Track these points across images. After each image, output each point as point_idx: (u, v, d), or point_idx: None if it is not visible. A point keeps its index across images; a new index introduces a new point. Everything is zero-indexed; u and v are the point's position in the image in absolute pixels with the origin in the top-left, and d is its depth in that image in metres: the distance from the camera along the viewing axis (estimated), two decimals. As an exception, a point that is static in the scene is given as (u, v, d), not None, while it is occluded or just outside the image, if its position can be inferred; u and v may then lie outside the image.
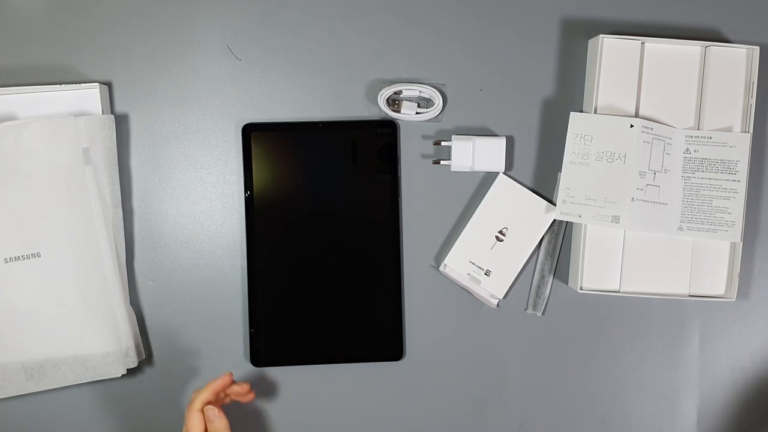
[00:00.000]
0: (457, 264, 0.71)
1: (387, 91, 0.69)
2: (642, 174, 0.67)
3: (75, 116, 0.66)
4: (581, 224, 0.69)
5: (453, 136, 0.70)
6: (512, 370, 0.73)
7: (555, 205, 0.70)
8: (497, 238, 0.71)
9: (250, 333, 0.70)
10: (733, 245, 0.70)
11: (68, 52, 0.70)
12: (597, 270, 0.69)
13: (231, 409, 0.65)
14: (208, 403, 0.62)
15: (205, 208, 0.72)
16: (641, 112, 0.69)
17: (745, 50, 0.69)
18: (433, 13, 0.71)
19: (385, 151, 0.70)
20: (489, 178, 0.71)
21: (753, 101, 0.68)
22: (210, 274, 0.72)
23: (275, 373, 0.72)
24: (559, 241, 0.72)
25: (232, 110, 0.71)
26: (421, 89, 0.70)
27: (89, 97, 0.68)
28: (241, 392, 0.65)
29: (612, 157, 0.67)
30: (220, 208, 0.72)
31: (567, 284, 0.72)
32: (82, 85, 0.68)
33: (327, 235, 0.70)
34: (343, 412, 0.73)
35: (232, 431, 0.62)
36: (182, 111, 0.71)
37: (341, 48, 0.71)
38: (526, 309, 0.73)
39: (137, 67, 0.71)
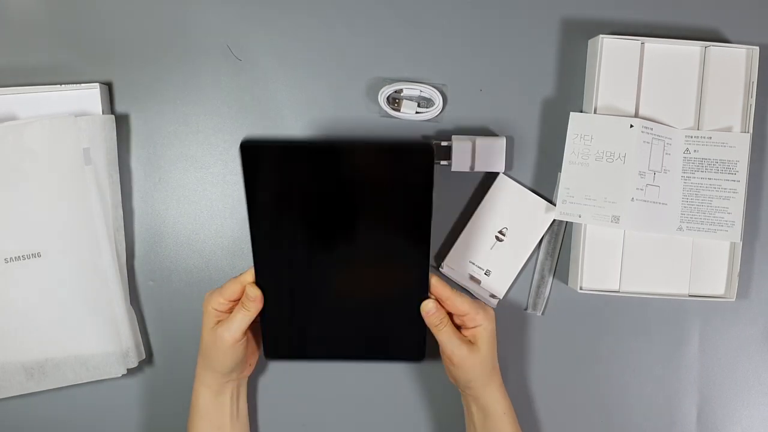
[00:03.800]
0: (457, 264, 0.71)
1: (387, 90, 0.69)
2: (642, 174, 0.67)
3: (75, 116, 0.66)
4: (581, 224, 0.69)
5: (453, 137, 0.70)
6: (511, 369, 0.73)
7: (555, 205, 0.70)
8: (497, 238, 0.71)
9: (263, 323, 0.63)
10: (732, 245, 0.70)
11: (68, 52, 0.70)
12: (597, 270, 0.69)
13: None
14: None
15: (206, 208, 0.72)
16: (641, 112, 0.69)
17: (744, 50, 0.69)
18: (434, 12, 0.71)
19: (416, 185, 0.56)
20: (489, 178, 0.71)
21: (753, 101, 0.68)
22: (210, 274, 0.72)
23: (275, 371, 0.72)
24: (559, 241, 0.72)
25: (232, 110, 0.71)
26: (422, 89, 0.70)
27: (89, 97, 0.68)
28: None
29: (612, 157, 0.67)
30: (221, 209, 0.72)
31: (567, 284, 0.72)
32: (83, 85, 0.68)
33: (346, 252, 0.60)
34: (341, 412, 0.73)
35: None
36: (182, 111, 0.71)
37: (341, 47, 0.71)
38: (526, 309, 0.73)
39: (137, 67, 0.71)
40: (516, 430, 0.65)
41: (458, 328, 0.62)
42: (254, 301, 0.60)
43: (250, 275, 0.61)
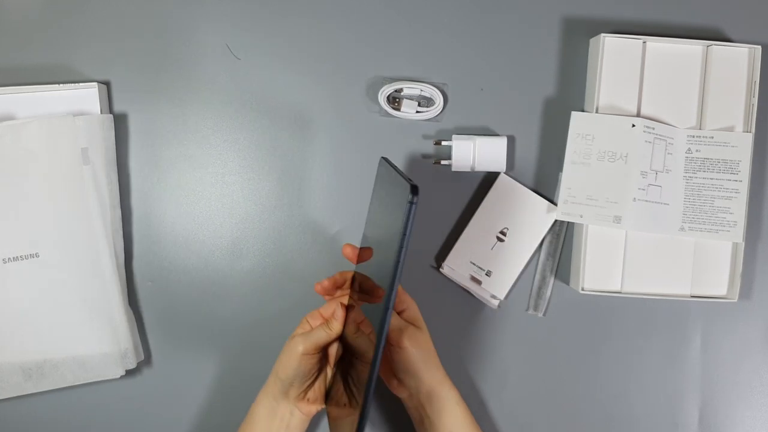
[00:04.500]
0: (457, 264, 0.71)
1: (388, 89, 0.69)
2: (644, 174, 0.67)
3: (74, 116, 0.66)
4: (583, 224, 0.69)
5: (454, 136, 0.70)
6: (513, 370, 0.73)
7: (556, 205, 0.70)
8: (498, 238, 0.71)
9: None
10: (735, 245, 0.69)
11: (67, 52, 0.70)
12: (598, 271, 0.69)
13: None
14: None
15: (204, 208, 0.71)
16: (643, 112, 0.68)
17: (747, 50, 0.68)
18: (435, 11, 0.71)
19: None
20: (490, 178, 0.71)
21: (755, 101, 0.68)
22: (209, 274, 0.71)
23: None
24: (561, 242, 0.71)
25: (231, 110, 0.71)
26: (422, 88, 0.69)
27: (88, 96, 0.68)
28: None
29: (613, 156, 0.67)
30: (219, 209, 0.71)
31: (568, 285, 0.72)
32: (81, 84, 0.68)
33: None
34: None
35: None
36: (181, 111, 0.71)
37: (341, 46, 0.71)
38: (527, 310, 0.72)
39: (136, 66, 0.70)
40: (470, 418, 0.63)
41: None
42: (337, 320, 0.59)
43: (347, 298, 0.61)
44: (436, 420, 0.62)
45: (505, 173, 0.71)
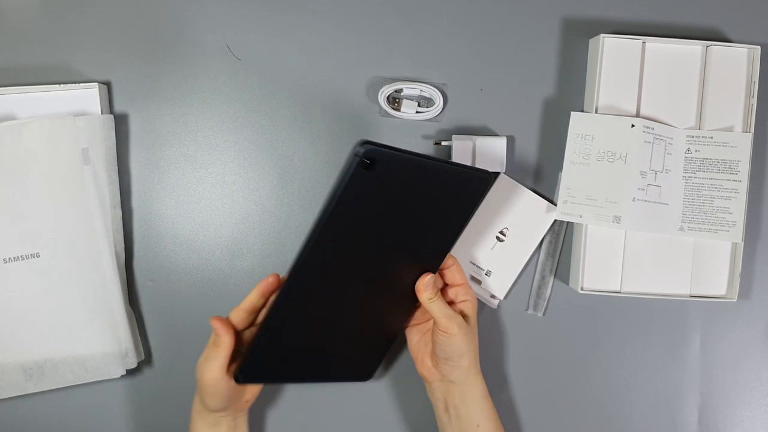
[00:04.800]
0: (457, 264, 0.71)
1: (388, 89, 0.69)
2: (643, 174, 0.67)
3: (74, 116, 0.66)
4: (582, 224, 0.69)
5: (453, 136, 0.70)
6: (513, 370, 0.73)
7: (556, 205, 0.70)
8: (498, 238, 0.71)
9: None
10: (734, 245, 0.69)
11: (67, 52, 0.70)
12: (598, 270, 0.69)
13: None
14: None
15: (205, 208, 0.72)
16: (642, 112, 0.69)
17: (746, 50, 0.69)
18: (434, 12, 0.71)
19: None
20: (489, 178, 0.71)
21: (754, 101, 0.68)
22: (209, 274, 0.72)
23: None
24: (560, 242, 0.72)
25: (232, 110, 0.71)
26: (422, 88, 0.70)
27: (88, 96, 0.68)
28: None
29: (613, 156, 0.67)
30: (220, 209, 0.72)
31: (568, 285, 0.72)
32: (81, 84, 0.68)
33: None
34: (342, 410, 0.73)
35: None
36: (182, 111, 0.71)
37: (341, 46, 0.71)
38: (526, 309, 0.72)
39: (136, 66, 0.70)
40: (495, 414, 0.64)
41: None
42: (221, 331, 0.58)
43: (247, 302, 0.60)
44: (463, 409, 0.63)
45: (504, 173, 0.71)
